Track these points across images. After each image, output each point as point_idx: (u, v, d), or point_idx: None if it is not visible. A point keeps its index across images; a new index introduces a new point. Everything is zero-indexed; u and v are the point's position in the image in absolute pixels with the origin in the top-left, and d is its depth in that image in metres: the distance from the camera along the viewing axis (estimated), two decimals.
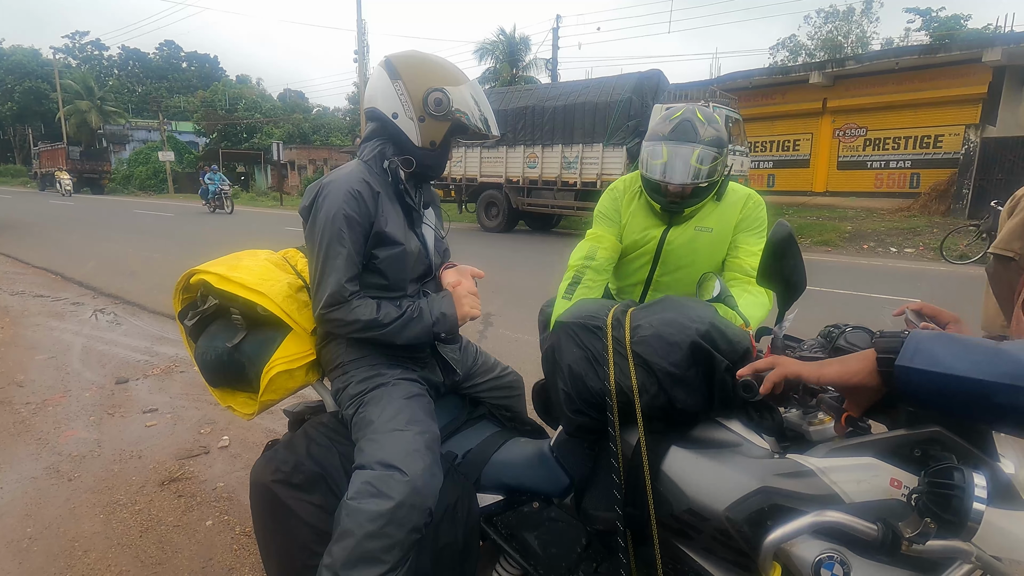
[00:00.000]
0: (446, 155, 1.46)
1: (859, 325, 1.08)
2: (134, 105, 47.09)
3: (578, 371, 1.11)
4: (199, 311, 1.52)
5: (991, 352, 0.64)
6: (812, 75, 15.14)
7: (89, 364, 4.09)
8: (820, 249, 11.11)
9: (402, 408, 1.30)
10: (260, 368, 1.41)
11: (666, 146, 1.64)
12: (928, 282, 7.64)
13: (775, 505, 0.88)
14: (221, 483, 2.55)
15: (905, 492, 0.79)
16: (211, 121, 36.47)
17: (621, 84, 11.37)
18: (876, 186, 14.89)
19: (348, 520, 1.14)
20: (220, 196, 18.79)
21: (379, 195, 1.37)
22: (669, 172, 1.65)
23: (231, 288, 1.41)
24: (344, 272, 1.31)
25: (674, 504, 1.00)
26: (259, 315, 1.43)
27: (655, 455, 1.04)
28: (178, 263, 8.79)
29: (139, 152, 37.39)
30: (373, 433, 1.25)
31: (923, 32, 23.13)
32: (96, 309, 5.64)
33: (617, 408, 1.06)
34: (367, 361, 1.41)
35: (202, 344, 1.51)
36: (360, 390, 1.36)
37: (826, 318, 1.18)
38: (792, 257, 1.00)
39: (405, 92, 1.35)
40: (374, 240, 1.37)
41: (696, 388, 1.04)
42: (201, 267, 1.49)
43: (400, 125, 1.38)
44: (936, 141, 13.91)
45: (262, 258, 1.57)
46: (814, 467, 0.89)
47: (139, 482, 2.55)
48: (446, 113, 1.35)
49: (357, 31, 22.78)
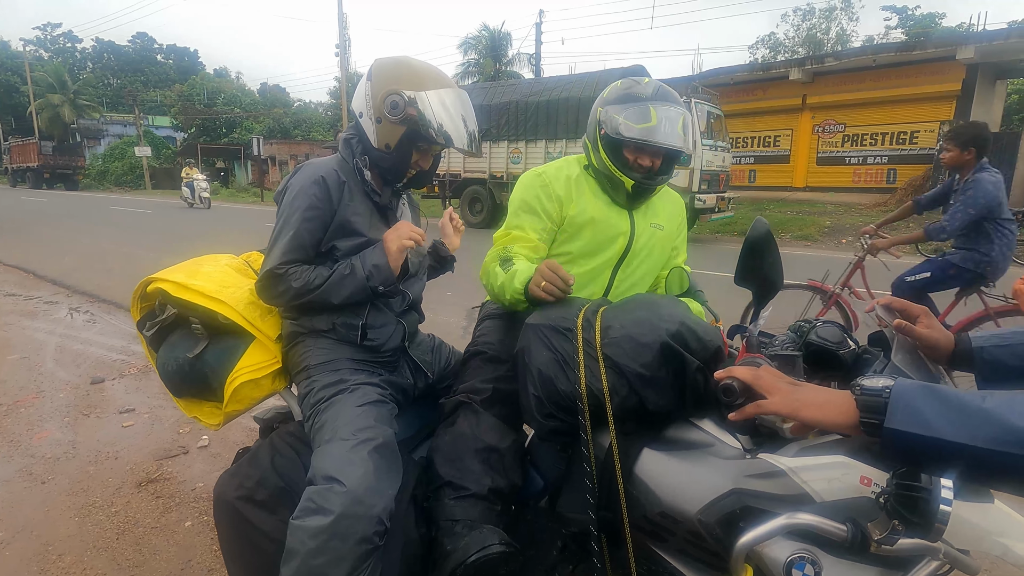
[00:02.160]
0: (404, 160, 1.39)
1: (829, 320, 1.09)
2: (109, 99, 45.93)
3: (548, 374, 1.09)
4: (157, 321, 1.47)
5: (978, 412, 0.63)
6: (792, 72, 15.31)
7: (63, 364, 4.00)
8: (800, 244, 11.27)
9: (353, 416, 1.26)
10: (223, 378, 1.37)
11: (653, 107, 1.44)
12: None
13: (747, 507, 0.89)
14: (201, 483, 2.52)
15: (875, 489, 0.79)
16: (189, 115, 35.76)
17: (604, 79, 11.37)
18: (854, 181, 15.13)
19: (292, 539, 1.12)
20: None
21: (345, 184, 1.37)
22: (663, 134, 1.42)
23: (190, 297, 1.37)
24: (286, 251, 1.32)
25: (647, 506, 1.00)
26: (221, 323, 1.39)
27: (627, 457, 1.04)
28: (156, 260, 8.59)
29: (114, 147, 36.58)
30: (321, 444, 1.22)
31: (900, 30, 23.51)
32: (71, 308, 5.51)
33: (588, 411, 1.05)
34: (332, 366, 1.38)
35: (163, 354, 1.47)
36: (320, 397, 1.33)
37: (804, 310, 1.20)
38: (770, 255, 1.00)
39: (371, 93, 1.36)
40: (337, 230, 1.36)
41: (667, 389, 1.03)
42: (158, 275, 1.45)
43: (363, 124, 1.39)
44: (912, 137, 14.17)
45: (223, 263, 1.53)
46: (785, 467, 0.89)
47: (115, 483, 2.51)
48: (401, 117, 1.32)
49: (338, 25, 22.51)
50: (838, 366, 1.03)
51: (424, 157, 1.43)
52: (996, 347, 0.96)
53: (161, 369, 1.47)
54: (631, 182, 1.48)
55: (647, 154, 1.48)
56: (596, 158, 1.51)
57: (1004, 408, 0.62)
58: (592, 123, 1.51)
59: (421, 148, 1.40)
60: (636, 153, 1.48)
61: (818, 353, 1.05)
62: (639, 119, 1.43)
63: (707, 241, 11.74)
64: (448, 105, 1.35)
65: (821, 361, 1.05)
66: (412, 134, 1.35)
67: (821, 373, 1.06)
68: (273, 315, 1.46)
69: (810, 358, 1.05)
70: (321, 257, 1.39)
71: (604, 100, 1.50)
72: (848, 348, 1.05)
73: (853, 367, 1.03)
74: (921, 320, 1.03)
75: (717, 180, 10.97)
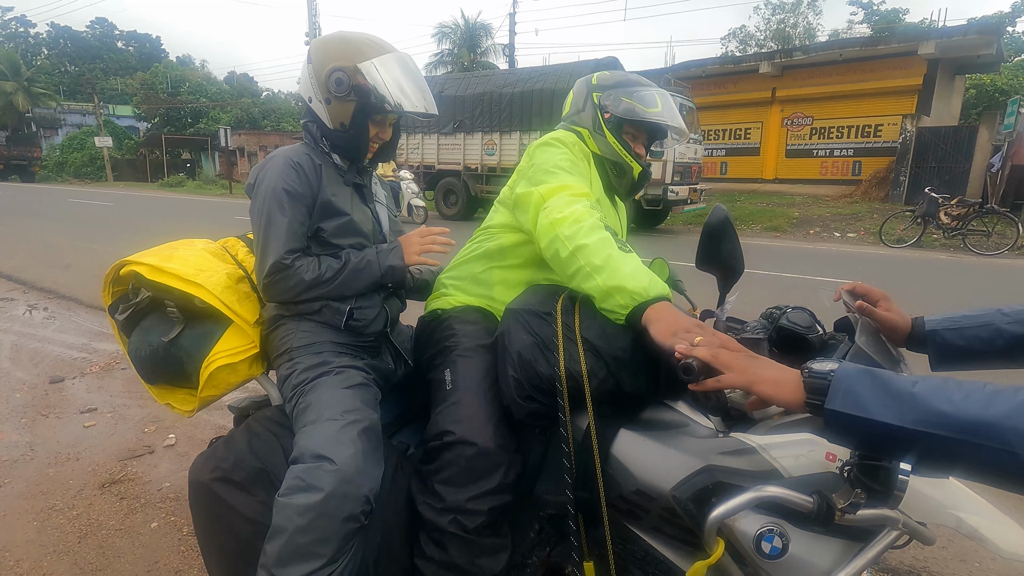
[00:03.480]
0: (362, 135, 1.38)
1: (799, 305, 1.12)
2: (66, 87, 44.10)
3: (528, 357, 1.10)
4: (131, 304, 1.43)
5: (907, 396, 0.67)
6: (762, 65, 15.56)
7: (20, 363, 3.84)
8: (770, 235, 11.52)
9: (340, 398, 1.26)
10: (199, 363, 1.35)
11: (657, 92, 1.46)
12: (867, 265, 8.04)
13: (719, 483, 0.92)
14: (167, 483, 2.45)
15: (839, 465, 0.83)
16: (152, 104, 34.57)
17: (578, 71, 11.37)
18: (821, 173, 15.50)
19: (279, 516, 1.11)
20: None
21: (321, 167, 1.38)
22: (673, 117, 1.46)
23: (165, 280, 1.34)
24: (285, 240, 1.31)
25: (623, 485, 1.03)
26: (196, 307, 1.36)
27: (604, 438, 1.06)
28: (118, 254, 8.35)
29: (73, 137, 35.21)
30: (307, 424, 1.21)
31: (865, 25, 24.08)
32: (28, 304, 5.29)
33: (567, 393, 1.07)
34: (314, 349, 1.37)
35: (135, 339, 1.43)
36: (303, 379, 1.31)
37: (774, 300, 1.22)
38: (729, 240, 1.03)
39: (313, 75, 1.35)
40: (320, 212, 1.36)
41: (643, 372, 1.06)
42: (132, 257, 1.41)
43: (314, 109, 1.39)
44: (876, 130, 14.56)
45: (199, 247, 1.50)
46: (755, 444, 0.93)
47: (77, 486, 2.42)
48: (347, 92, 1.32)
49: (308, 12, 21.97)
50: (807, 349, 1.07)
51: (382, 129, 1.43)
52: (947, 329, 1.02)
53: (134, 355, 1.43)
54: (639, 168, 1.49)
55: (643, 141, 1.51)
56: (602, 144, 1.45)
57: (930, 392, 0.67)
58: (590, 109, 1.47)
59: (376, 120, 1.39)
60: (635, 140, 1.49)
61: (788, 337, 1.08)
62: (649, 103, 1.43)
63: (680, 232, 11.89)
64: (393, 70, 1.33)
65: (791, 345, 1.08)
66: (363, 107, 1.34)
67: (791, 356, 1.09)
68: (251, 300, 1.44)
69: (780, 342, 1.09)
70: (308, 241, 1.38)
71: (599, 86, 1.48)
72: (817, 333, 1.08)
73: (821, 351, 1.07)
74: (881, 303, 1.08)
75: (689, 172, 11.11)
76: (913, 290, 6.46)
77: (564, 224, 1.13)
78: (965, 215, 9.58)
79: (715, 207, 1.06)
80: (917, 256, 9.10)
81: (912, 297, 6.05)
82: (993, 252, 9.21)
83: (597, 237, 1.09)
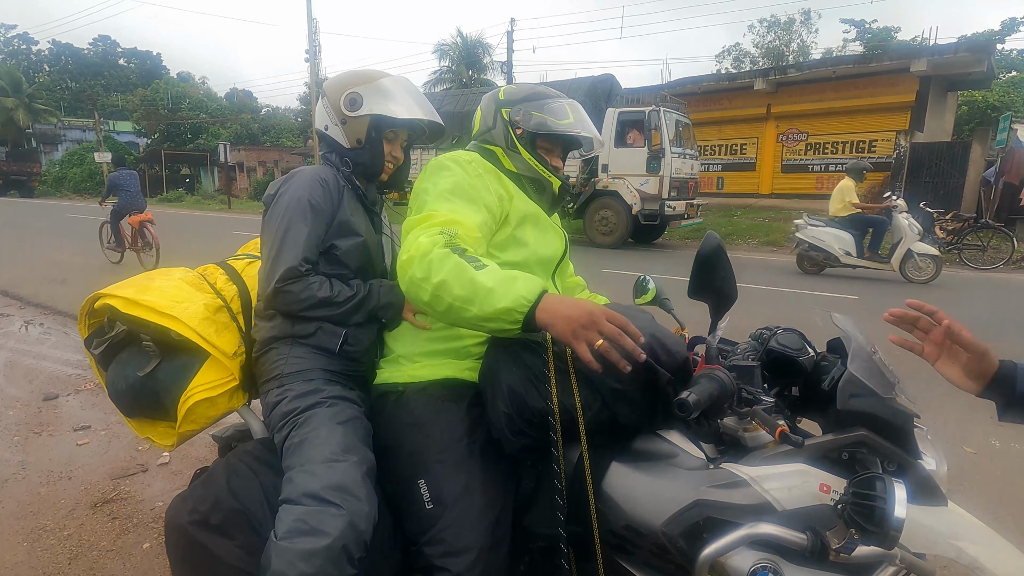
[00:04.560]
0: (377, 151, 1.47)
1: (789, 327, 1.10)
2: (67, 103, 44.35)
3: (519, 391, 1.06)
4: (106, 338, 1.40)
5: None
6: (757, 82, 15.74)
7: (14, 380, 3.81)
8: (767, 249, 11.55)
9: (338, 435, 1.21)
10: (177, 397, 1.32)
11: (567, 103, 1.40)
12: (864, 280, 8.05)
13: (710, 518, 0.90)
14: (160, 502, 2.42)
15: (834, 496, 0.81)
16: (152, 121, 34.76)
17: (575, 87, 11.49)
18: (817, 188, 15.58)
19: (278, 561, 1.04)
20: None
21: (344, 188, 1.43)
22: (586, 128, 1.40)
23: (140, 313, 1.32)
24: (303, 248, 1.31)
25: (613, 520, 1.01)
26: (173, 340, 1.34)
27: (596, 471, 1.03)
28: (116, 271, 8.29)
29: (72, 153, 35.33)
30: (306, 463, 1.16)
31: (858, 43, 24.43)
32: (24, 320, 5.27)
33: (560, 427, 1.03)
34: (305, 376, 1.33)
35: (112, 373, 1.40)
36: (293, 408, 1.27)
37: (770, 315, 1.21)
38: (722, 269, 1.00)
39: (328, 104, 1.47)
40: (337, 230, 1.39)
41: (640, 403, 1.03)
42: (107, 290, 1.38)
43: (331, 134, 1.48)
44: (870, 146, 14.69)
45: (176, 277, 1.47)
46: (747, 476, 0.91)
47: (68, 505, 2.39)
48: (360, 109, 1.42)
49: (308, 30, 22.24)
50: (798, 372, 1.05)
51: (395, 146, 1.52)
52: None
53: (111, 388, 1.40)
54: (559, 182, 1.41)
55: (558, 154, 1.46)
56: (517, 161, 1.38)
57: None
58: (501, 126, 1.40)
59: (389, 137, 1.49)
60: (550, 153, 1.43)
61: (778, 360, 1.06)
62: (560, 115, 1.37)
63: (677, 247, 11.93)
64: (402, 88, 1.46)
65: (781, 368, 1.06)
66: (377, 121, 1.44)
67: (782, 379, 1.07)
68: (230, 331, 1.41)
69: (771, 365, 1.07)
70: (319, 257, 1.39)
71: (507, 101, 1.41)
72: (808, 355, 1.06)
73: (812, 373, 1.04)
74: (953, 332, 0.90)
75: (686, 187, 11.17)
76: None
77: (412, 266, 1.04)
78: (960, 230, 9.64)
79: (707, 235, 1.03)
80: None
81: None
82: (989, 266, 9.25)
83: (449, 266, 1.00)
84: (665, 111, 10.43)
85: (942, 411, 3.38)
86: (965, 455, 2.89)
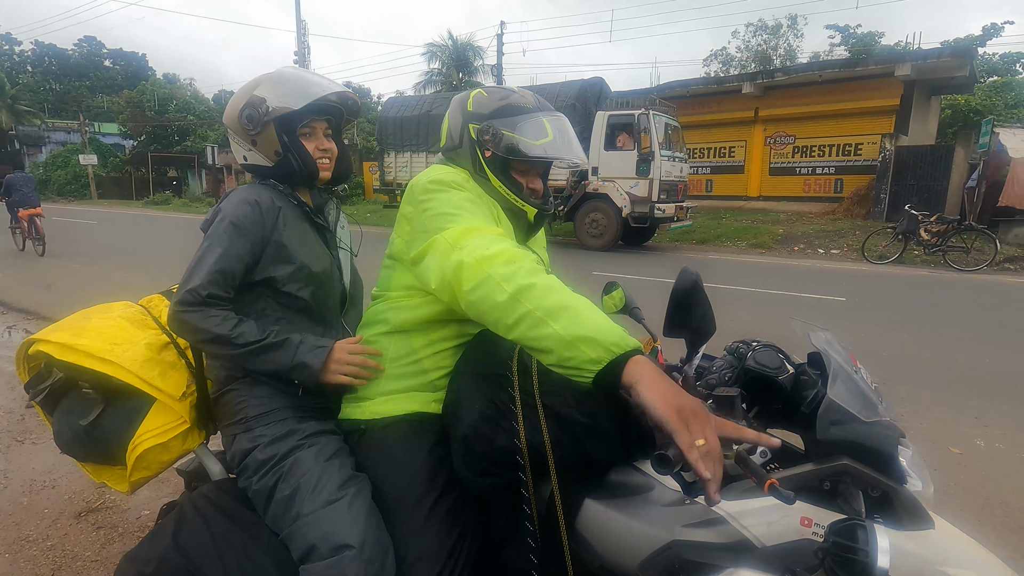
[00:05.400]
0: (301, 154, 1.31)
1: (768, 343, 1.06)
2: (51, 105, 43.77)
3: (483, 431, 0.98)
4: (44, 387, 1.30)
5: None
6: (744, 86, 15.89)
7: None
8: (756, 251, 11.64)
9: (329, 472, 1.14)
10: (125, 444, 1.25)
11: (545, 119, 1.20)
12: (851, 281, 8.14)
13: (686, 560, 0.87)
14: (147, 511, 2.38)
15: (816, 531, 0.79)
16: (139, 122, 34.37)
17: (565, 91, 11.54)
18: (804, 191, 15.77)
19: None
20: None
21: (280, 210, 1.29)
22: (567, 150, 1.21)
23: (76, 359, 1.23)
24: (210, 271, 1.18)
25: (588, 560, 0.97)
26: (116, 385, 1.24)
27: (568, 510, 0.98)
28: (103, 274, 8.16)
29: (57, 155, 34.88)
30: (305, 515, 1.09)
31: (843, 47, 24.73)
32: (7, 326, 5.18)
33: (529, 464, 0.96)
34: (275, 416, 1.24)
35: (57, 421, 1.31)
36: (272, 455, 1.18)
37: (760, 318, 1.18)
38: (699, 306, 0.95)
39: (233, 134, 1.35)
40: (273, 256, 1.25)
41: (613, 438, 0.97)
42: (39, 335, 1.29)
43: (252, 162, 1.35)
44: (856, 149, 14.88)
45: (115, 315, 1.37)
46: (725, 512, 0.88)
47: (52, 515, 2.35)
48: (262, 117, 1.27)
49: (297, 32, 22.15)
50: (778, 390, 1.01)
51: (318, 140, 1.34)
52: None
53: (57, 437, 1.32)
54: (534, 210, 1.24)
55: (536, 174, 1.27)
56: (486, 188, 1.21)
57: None
58: (468, 145, 1.22)
59: (305, 132, 1.32)
60: (527, 176, 1.25)
61: (757, 379, 1.01)
62: (537, 133, 1.18)
63: (667, 249, 11.99)
64: (286, 76, 1.31)
65: (760, 386, 1.01)
66: (280, 122, 1.28)
67: (761, 398, 1.03)
68: (176, 370, 1.32)
69: (749, 384, 1.02)
70: (259, 287, 1.27)
71: (475, 115, 1.22)
72: (787, 372, 1.01)
73: (793, 391, 1.00)
74: None
75: (676, 190, 11.24)
76: (897, 306, 6.54)
77: (495, 263, 0.90)
78: (944, 232, 9.78)
79: (682, 270, 0.96)
80: (899, 272, 9.24)
81: (897, 313, 6.13)
82: (972, 268, 9.38)
83: (543, 280, 0.87)
84: (654, 114, 10.50)
85: (929, 413, 3.43)
86: (952, 456, 2.93)
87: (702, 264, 9.55)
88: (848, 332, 5.04)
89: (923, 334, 5.29)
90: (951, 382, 3.97)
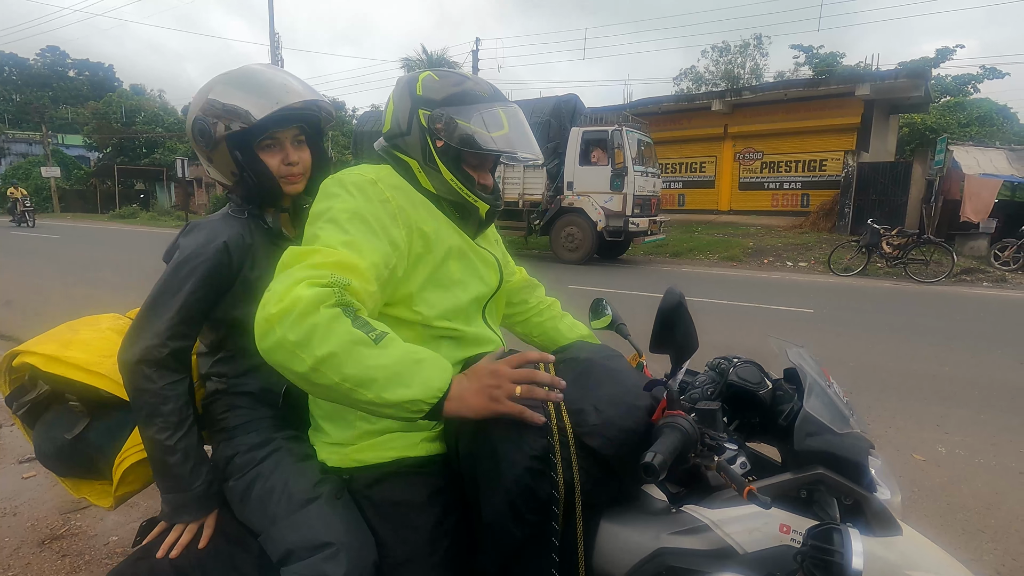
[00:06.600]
0: (258, 169, 1.20)
1: (748, 359, 1.11)
2: (11, 115, 42.52)
3: (526, 483, 0.91)
4: (28, 400, 1.28)
5: None
6: (714, 103, 16.36)
7: None
8: (727, 264, 11.91)
9: (303, 471, 1.13)
10: (111, 459, 1.23)
11: (502, 108, 1.13)
12: (819, 293, 8.39)
13: (672, 567, 0.91)
14: (115, 537, 2.31)
15: (794, 537, 0.84)
16: (105, 134, 33.58)
17: (540, 107, 11.70)
18: (773, 205, 16.24)
19: None
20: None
21: (251, 247, 1.22)
22: (523, 143, 1.14)
23: (63, 371, 1.21)
24: (171, 325, 1.11)
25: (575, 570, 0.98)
26: (103, 398, 1.23)
27: (588, 539, 0.98)
28: (65, 291, 7.89)
29: (18, 167, 33.84)
30: (282, 516, 1.08)
31: (807, 67, 25.68)
32: None
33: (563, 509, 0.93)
34: (254, 426, 1.24)
35: (39, 435, 1.29)
36: (249, 460, 1.18)
37: (733, 329, 1.23)
38: (683, 324, 0.97)
39: (195, 149, 1.26)
40: (240, 297, 1.19)
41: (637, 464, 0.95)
42: (25, 346, 1.27)
43: (215, 179, 1.28)
44: (821, 165, 15.41)
45: (104, 327, 1.36)
46: (708, 520, 0.93)
47: (13, 543, 2.26)
48: (214, 133, 1.17)
49: (270, 45, 21.99)
50: (757, 404, 1.06)
51: (282, 153, 1.23)
52: None
53: (38, 451, 1.30)
54: (486, 207, 1.17)
55: (488, 168, 1.20)
56: (435, 181, 1.12)
57: None
58: (417, 133, 1.11)
59: (266, 145, 1.21)
60: (478, 169, 1.17)
61: (738, 394, 1.06)
62: (494, 125, 1.10)
63: (640, 263, 12.18)
64: (249, 79, 1.20)
65: (741, 400, 1.06)
66: (233, 137, 1.18)
67: (741, 411, 1.08)
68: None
69: (731, 399, 1.07)
70: (222, 328, 1.23)
71: (425, 100, 1.11)
72: (767, 387, 1.06)
73: (771, 405, 1.05)
74: None
75: (649, 204, 11.45)
76: (862, 316, 6.76)
77: (284, 323, 0.80)
78: (905, 245, 10.19)
79: (668, 290, 0.98)
80: (864, 284, 9.56)
81: (862, 323, 6.33)
82: (932, 279, 9.78)
83: (340, 337, 0.81)
84: (627, 130, 10.72)
85: (893, 421, 3.55)
86: (914, 462, 3.03)
87: (676, 277, 9.74)
88: (816, 343, 5.20)
89: (886, 343, 5.47)
90: (913, 390, 4.12)
